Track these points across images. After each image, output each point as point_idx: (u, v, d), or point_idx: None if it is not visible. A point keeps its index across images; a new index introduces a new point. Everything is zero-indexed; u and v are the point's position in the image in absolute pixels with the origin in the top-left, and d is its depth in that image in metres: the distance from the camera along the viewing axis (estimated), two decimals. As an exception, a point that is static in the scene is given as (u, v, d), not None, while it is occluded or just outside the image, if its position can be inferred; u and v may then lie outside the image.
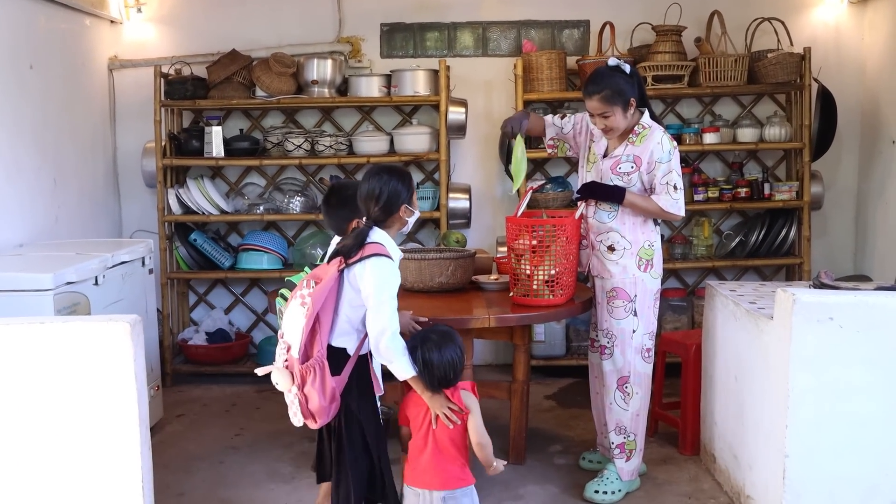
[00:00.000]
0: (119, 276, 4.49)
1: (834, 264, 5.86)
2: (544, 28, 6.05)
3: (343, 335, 3.17)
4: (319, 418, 3.11)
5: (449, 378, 3.17)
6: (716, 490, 4.09)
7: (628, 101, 3.82)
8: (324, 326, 3.09)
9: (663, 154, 3.86)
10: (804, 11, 5.95)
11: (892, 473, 3.35)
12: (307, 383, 3.06)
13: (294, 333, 3.10)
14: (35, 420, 3.28)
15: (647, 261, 3.95)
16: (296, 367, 3.07)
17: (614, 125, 3.86)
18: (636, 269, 3.93)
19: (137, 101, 5.96)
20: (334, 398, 3.10)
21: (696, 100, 6.00)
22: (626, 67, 3.87)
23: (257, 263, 5.81)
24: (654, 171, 3.87)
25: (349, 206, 3.45)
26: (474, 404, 3.21)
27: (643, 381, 4.02)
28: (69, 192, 5.30)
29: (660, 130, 3.91)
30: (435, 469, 3.16)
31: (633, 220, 3.93)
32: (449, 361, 3.15)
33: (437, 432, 3.18)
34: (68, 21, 5.39)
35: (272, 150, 5.85)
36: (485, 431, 3.20)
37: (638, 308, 3.95)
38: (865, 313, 3.28)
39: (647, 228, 3.95)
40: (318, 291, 3.09)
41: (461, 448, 3.20)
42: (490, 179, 6.11)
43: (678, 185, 3.87)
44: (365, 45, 6.04)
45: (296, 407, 3.11)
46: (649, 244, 3.95)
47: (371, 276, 3.11)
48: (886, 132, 5.63)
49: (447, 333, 3.23)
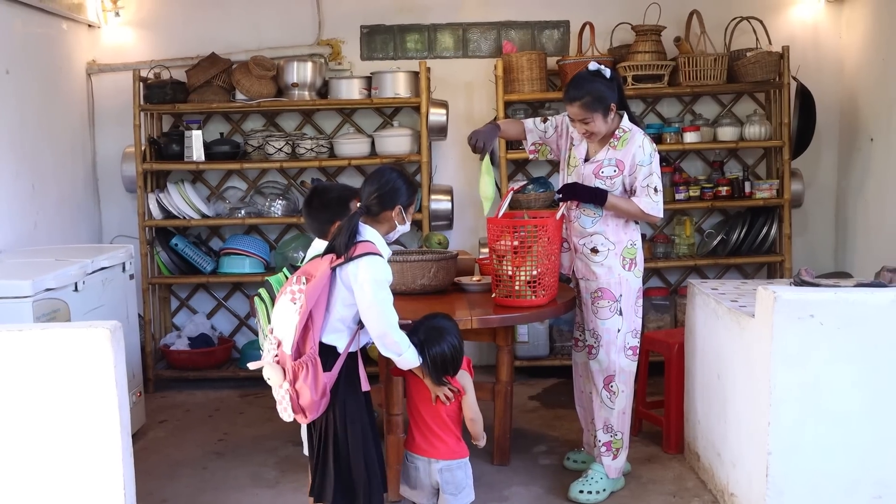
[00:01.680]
0: (99, 282, 4.46)
1: (815, 261, 5.89)
2: (524, 29, 6.06)
3: (334, 332, 3.18)
4: (310, 413, 3.12)
5: (449, 370, 3.29)
6: (700, 488, 4.11)
7: (609, 106, 3.83)
8: (316, 323, 3.11)
9: (644, 157, 3.87)
10: (782, 10, 5.98)
11: (874, 469, 3.37)
12: (299, 379, 3.08)
13: (286, 329, 3.10)
14: (15, 428, 3.25)
15: (631, 260, 3.98)
16: (288, 362, 3.09)
17: (595, 130, 3.88)
18: (621, 269, 3.95)
19: (116, 105, 5.93)
20: (325, 394, 3.13)
21: (677, 99, 6.02)
22: (606, 72, 3.88)
23: (239, 267, 5.79)
24: (635, 174, 3.89)
25: (331, 208, 3.46)
26: (468, 383, 3.35)
27: (628, 379, 4.03)
28: (48, 197, 5.26)
29: (640, 133, 3.93)
30: (434, 441, 3.32)
31: (616, 221, 3.95)
32: (451, 355, 3.27)
33: (435, 406, 3.32)
34: (45, 25, 5.35)
35: (253, 153, 5.83)
36: (477, 408, 3.36)
37: (623, 307, 3.97)
38: (846, 310, 3.30)
39: (629, 228, 3.99)
40: (312, 288, 3.09)
41: (457, 423, 3.36)
42: (472, 181, 6.10)
43: (658, 188, 3.89)
44: (345, 47, 6.02)
45: (286, 402, 3.12)
46: (632, 243, 3.98)
47: (366, 276, 3.13)
48: (865, 129, 5.66)
49: (446, 328, 3.32)
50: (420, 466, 3.32)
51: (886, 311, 3.31)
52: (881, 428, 3.36)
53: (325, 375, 3.11)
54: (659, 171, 3.92)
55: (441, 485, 3.29)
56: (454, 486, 3.29)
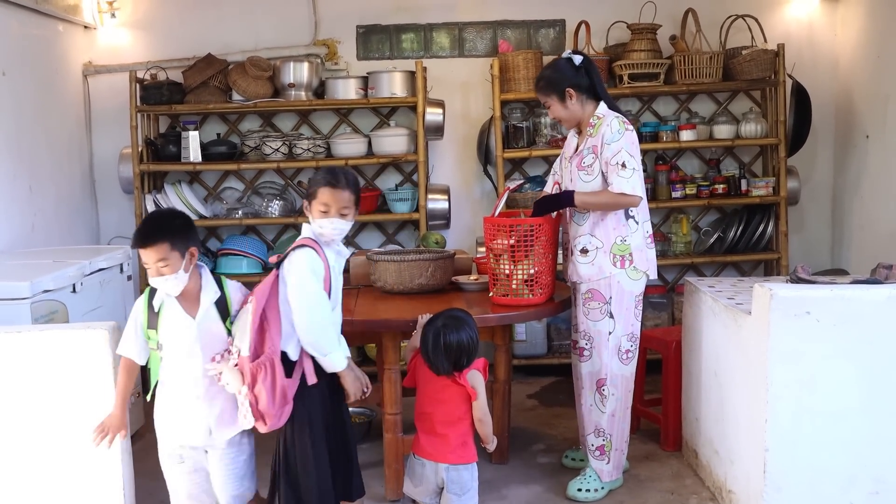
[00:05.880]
0: (97, 283, 4.46)
1: (811, 259, 5.90)
2: (520, 28, 6.06)
3: (285, 337, 3.11)
4: (269, 420, 3.05)
5: (462, 363, 3.26)
6: (698, 485, 4.12)
7: (563, 90, 3.87)
8: (272, 324, 3.05)
9: (613, 134, 3.79)
10: (777, 8, 6.00)
11: (871, 465, 3.39)
12: (258, 381, 3.00)
13: (243, 333, 3.05)
14: (14, 429, 3.25)
15: (622, 256, 3.88)
16: (246, 365, 3.02)
17: (555, 115, 3.97)
18: (612, 268, 3.88)
19: (113, 106, 5.92)
20: (285, 399, 3.06)
21: (673, 97, 6.03)
22: (576, 59, 3.90)
23: (237, 268, 5.78)
24: (604, 154, 3.82)
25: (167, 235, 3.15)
26: (480, 385, 3.29)
27: (619, 383, 3.99)
28: (45, 199, 5.26)
29: (612, 115, 3.88)
30: (440, 445, 3.27)
31: (602, 218, 3.89)
32: (467, 345, 3.25)
33: (444, 408, 3.27)
34: (41, 27, 5.34)
35: (250, 154, 5.83)
36: (487, 410, 3.31)
37: (614, 310, 3.91)
38: (842, 307, 3.32)
39: (618, 224, 3.88)
40: (260, 288, 3.09)
41: (466, 426, 3.31)
42: (468, 180, 6.11)
43: (628, 164, 3.75)
44: (341, 47, 6.03)
45: (245, 408, 3.05)
46: (621, 239, 3.88)
47: (292, 267, 3.10)
48: (860, 127, 5.68)
49: (466, 320, 3.30)
50: (427, 464, 3.30)
51: (882, 308, 3.32)
52: (878, 424, 3.37)
53: (285, 380, 3.04)
54: (631, 149, 3.79)
55: (446, 483, 3.27)
56: (459, 487, 3.26)
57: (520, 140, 5.79)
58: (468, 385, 3.26)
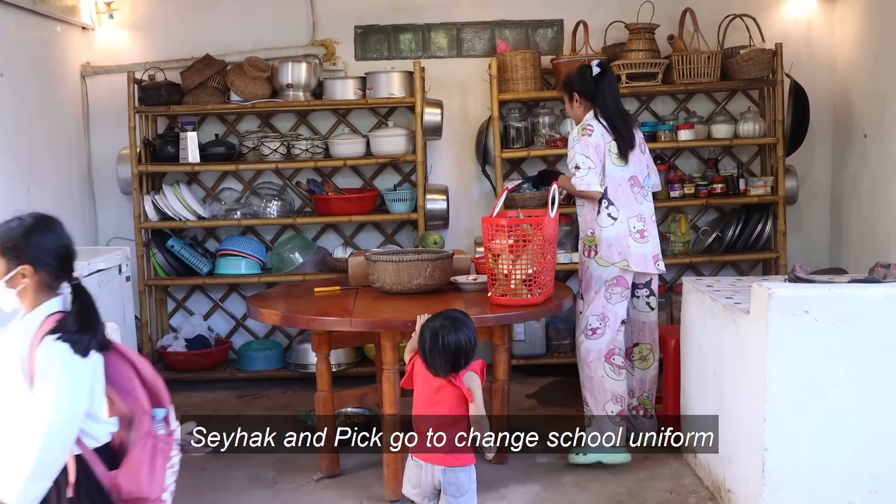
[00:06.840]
0: (96, 284, 4.45)
1: (810, 258, 5.90)
2: (518, 28, 6.07)
3: None
4: None
5: (460, 364, 3.23)
6: (697, 485, 4.12)
7: (571, 93, 4.36)
8: None
9: (571, 141, 4.30)
10: (775, 8, 6.00)
11: (870, 464, 3.39)
12: None
13: None
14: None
15: (590, 247, 4.30)
16: None
17: (568, 112, 4.54)
18: (583, 256, 4.35)
19: (111, 107, 5.92)
20: None
21: (671, 97, 6.03)
22: (594, 69, 4.31)
23: (235, 269, 5.79)
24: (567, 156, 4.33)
25: None
26: (476, 387, 3.25)
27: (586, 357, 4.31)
28: (44, 200, 5.25)
29: (583, 123, 4.29)
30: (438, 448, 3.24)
31: (583, 210, 4.35)
32: (465, 345, 3.22)
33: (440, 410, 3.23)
34: (39, 28, 5.34)
35: (248, 154, 5.83)
36: (484, 413, 3.26)
37: (584, 291, 4.33)
38: (840, 306, 3.32)
39: (591, 219, 4.31)
40: None
41: (463, 429, 3.26)
42: (467, 180, 6.11)
43: (580, 164, 4.20)
44: (339, 47, 6.03)
45: None
46: (591, 232, 4.31)
47: None
48: (858, 126, 5.68)
49: (464, 321, 3.28)
50: (424, 466, 3.27)
51: (881, 307, 3.33)
52: (876, 423, 3.38)
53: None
54: (583, 150, 4.20)
55: (443, 486, 3.24)
56: (456, 489, 3.23)
57: (518, 140, 5.79)
58: (464, 387, 3.23)
